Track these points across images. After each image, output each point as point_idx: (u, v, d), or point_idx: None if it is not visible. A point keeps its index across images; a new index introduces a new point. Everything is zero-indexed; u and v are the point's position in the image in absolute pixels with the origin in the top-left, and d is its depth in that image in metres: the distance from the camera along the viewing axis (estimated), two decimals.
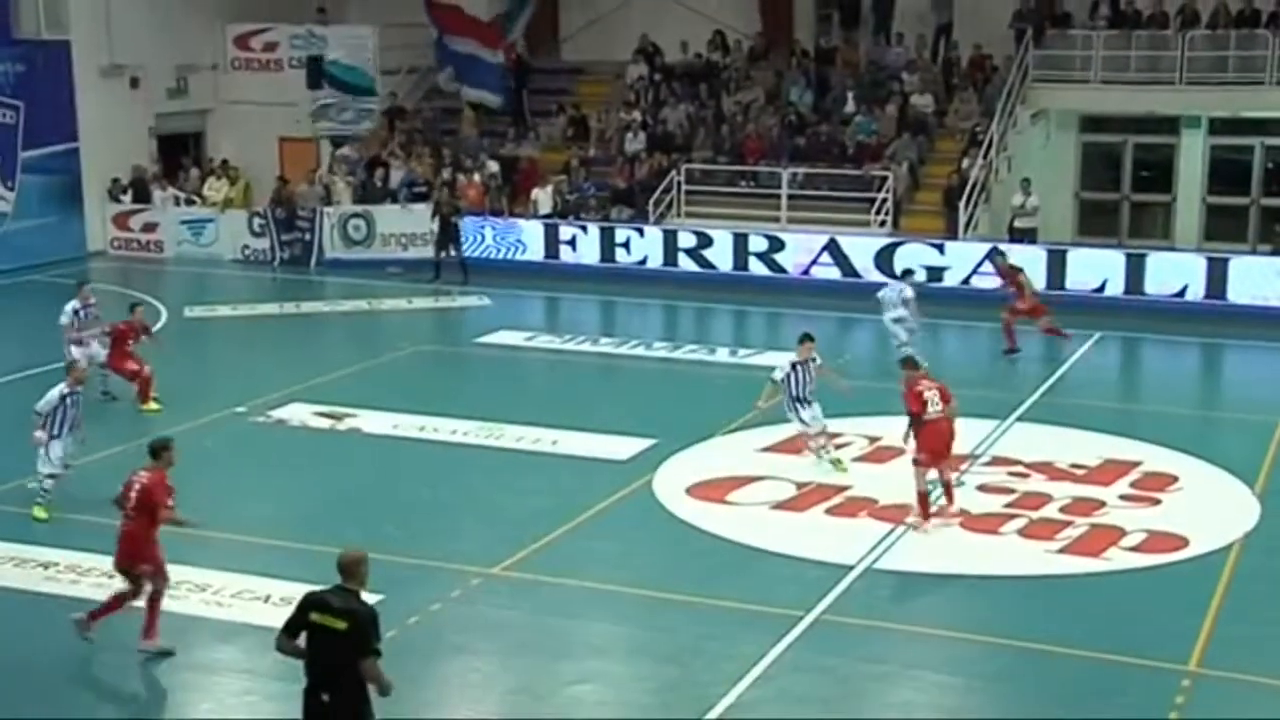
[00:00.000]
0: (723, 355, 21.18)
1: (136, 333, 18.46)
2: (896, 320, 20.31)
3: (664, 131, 29.45)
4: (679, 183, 27.88)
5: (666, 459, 16.06)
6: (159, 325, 22.98)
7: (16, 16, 27.34)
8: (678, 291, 24.72)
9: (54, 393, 14.42)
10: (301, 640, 8.45)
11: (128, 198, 29.85)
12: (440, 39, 30.97)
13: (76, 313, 18.43)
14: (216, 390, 18.93)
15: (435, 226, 26.92)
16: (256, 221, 28.98)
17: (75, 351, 17.78)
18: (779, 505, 14.72)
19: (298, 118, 30.62)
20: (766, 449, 16.39)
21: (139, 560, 11.25)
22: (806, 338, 16.00)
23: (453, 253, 26.66)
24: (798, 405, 15.76)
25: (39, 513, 14.28)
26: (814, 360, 15.82)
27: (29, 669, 11.08)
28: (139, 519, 11.19)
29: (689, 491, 15.11)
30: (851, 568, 13.01)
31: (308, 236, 28.45)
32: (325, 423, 17.63)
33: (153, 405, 18.04)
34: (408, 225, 28.11)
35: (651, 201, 27.79)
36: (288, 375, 19.65)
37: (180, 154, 31.31)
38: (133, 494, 11.25)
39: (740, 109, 29.48)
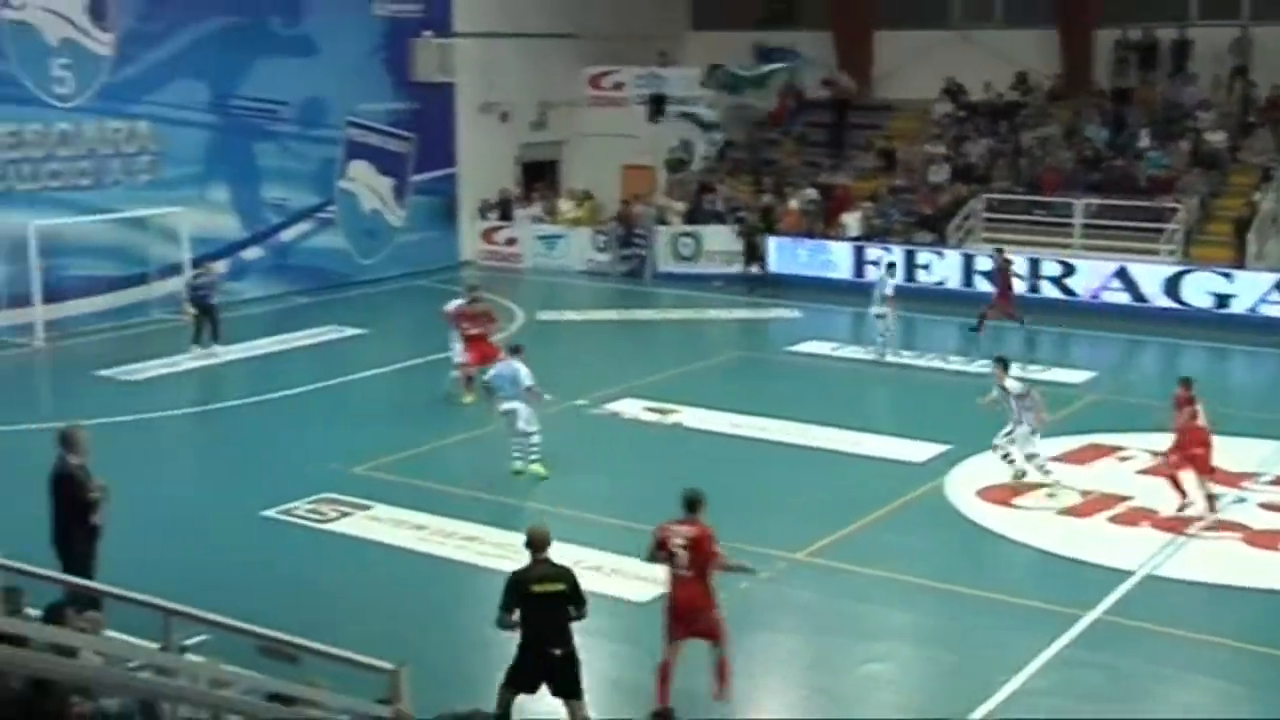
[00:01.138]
0: (1013, 370, 20.40)
1: (477, 318, 18.57)
2: (878, 316, 20.29)
3: (966, 163, 28.71)
4: (979, 211, 27.13)
5: (958, 463, 15.64)
6: (517, 325, 23.91)
7: (414, 64, 28.88)
8: (973, 311, 24.05)
9: (504, 368, 15.34)
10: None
11: (494, 215, 31.08)
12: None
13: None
14: (562, 385, 19.45)
15: (741, 245, 27.17)
16: (600, 238, 29.75)
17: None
18: (1064, 511, 14.14)
19: (639, 148, 31.24)
20: (1054, 458, 15.76)
21: (706, 624, 9.59)
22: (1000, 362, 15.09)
23: (754, 269, 26.82)
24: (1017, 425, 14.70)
25: (539, 469, 15.12)
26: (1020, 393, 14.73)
27: (381, 609, 11.65)
28: (695, 577, 9.52)
29: (979, 494, 14.68)
30: (1132, 574, 12.37)
31: (643, 252, 29.02)
32: (653, 417, 17.93)
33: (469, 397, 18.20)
34: (730, 244, 28.31)
35: (951, 227, 27.13)
36: (622, 374, 20.07)
37: (538, 178, 32.41)
38: (678, 549, 9.49)
39: (1038, 144, 28.47)
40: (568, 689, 8.87)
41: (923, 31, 31.21)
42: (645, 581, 11.96)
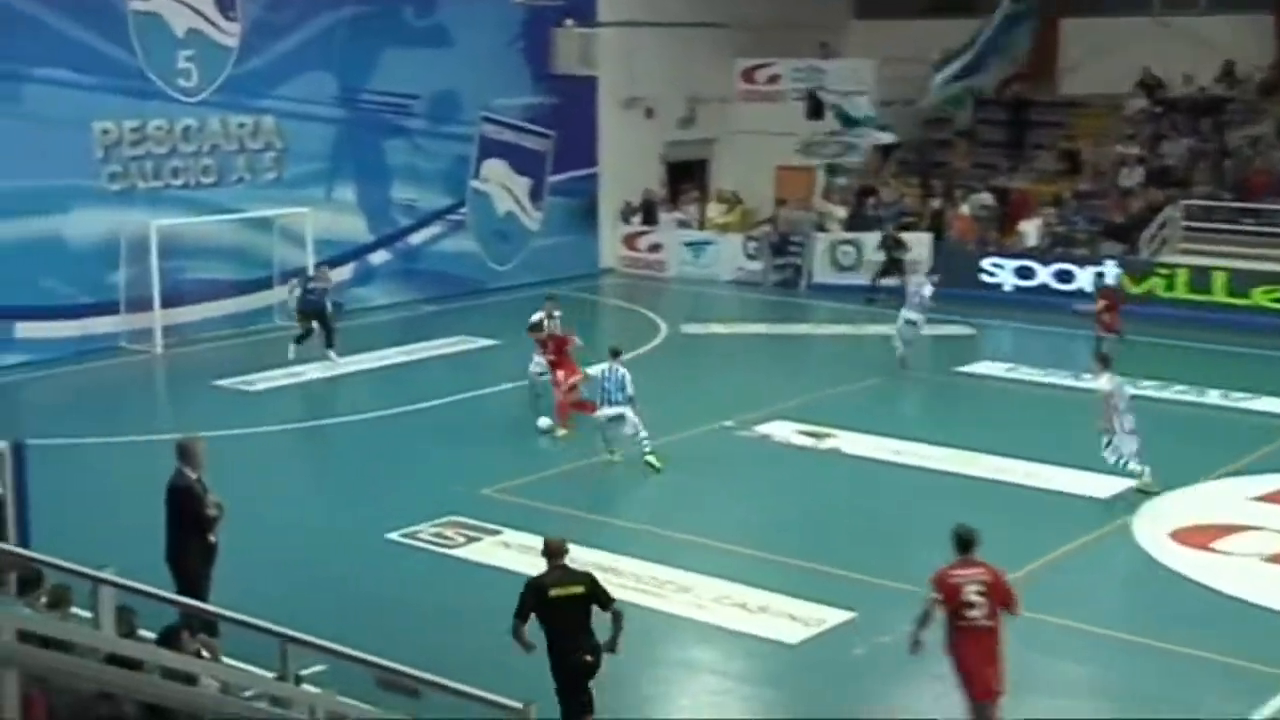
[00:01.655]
0: (1213, 397, 19.87)
1: (560, 342, 18.61)
2: (909, 322, 20.85)
3: (1162, 166, 27.97)
4: (1176, 219, 26.39)
5: (1148, 500, 15.22)
6: (657, 339, 24.01)
7: (555, 55, 29.25)
8: (1171, 331, 23.38)
9: (610, 373, 16.50)
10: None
11: (637, 219, 31.28)
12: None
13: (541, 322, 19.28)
14: (707, 403, 19.53)
15: (881, 256, 26.92)
16: (751, 245, 29.71)
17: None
18: (1271, 558, 13.64)
19: (795, 147, 31.15)
20: (1259, 498, 15.23)
21: (995, 680, 9.25)
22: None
23: (882, 281, 26.55)
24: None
25: (655, 461, 16.23)
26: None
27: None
28: (996, 625, 9.20)
29: (1172, 535, 14.24)
30: None
31: (798, 261, 28.90)
32: (807, 441, 17.81)
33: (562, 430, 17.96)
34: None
35: (1145, 237, 26.42)
36: (773, 393, 20.00)
37: (685, 180, 32.52)
38: (974, 597, 9.11)
39: (1247, 143, 27.58)
40: (586, 702, 9.26)
41: (1115, 18, 30.52)
42: (796, 622, 11.89)
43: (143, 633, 8.38)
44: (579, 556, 13.50)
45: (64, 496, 14.57)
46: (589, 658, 9.27)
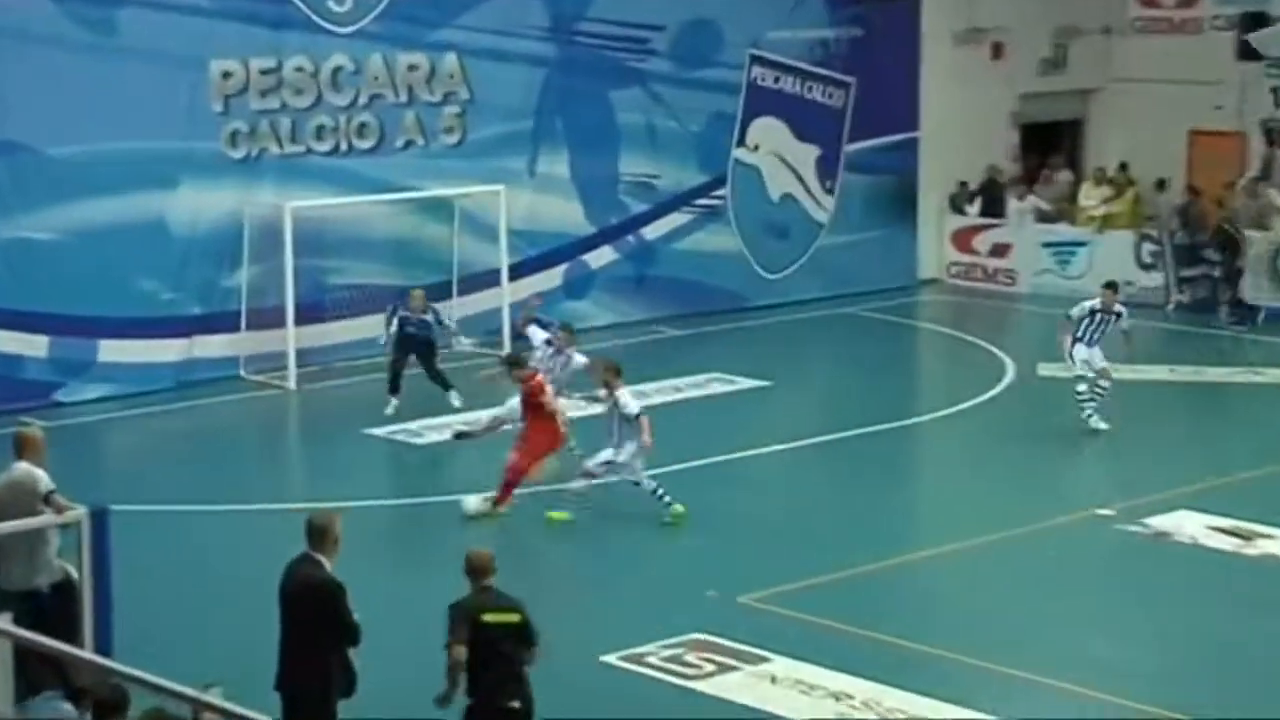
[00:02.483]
0: None
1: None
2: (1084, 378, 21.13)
3: None
4: None
5: None
6: (1001, 385, 23.73)
7: None
8: None
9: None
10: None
11: (974, 209, 31.04)
12: None
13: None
14: (1074, 481, 19.22)
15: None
16: (1147, 248, 29.16)
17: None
18: None
19: (1218, 102, 30.42)
20: None
21: None
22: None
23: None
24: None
25: (678, 512, 17.52)
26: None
27: None
28: None
29: None
30: None
31: (1218, 272, 28.21)
32: (1226, 542, 17.42)
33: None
34: None
35: None
36: (1175, 469, 19.65)
37: (1048, 151, 32.13)
38: None
39: None
40: None
41: None
42: None
43: None
44: (878, 698, 13.46)
45: (158, 581, 15.10)
46: (517, 704, 10.48)
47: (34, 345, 22.60)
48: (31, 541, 12.14)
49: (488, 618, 10.57)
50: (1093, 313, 21.37)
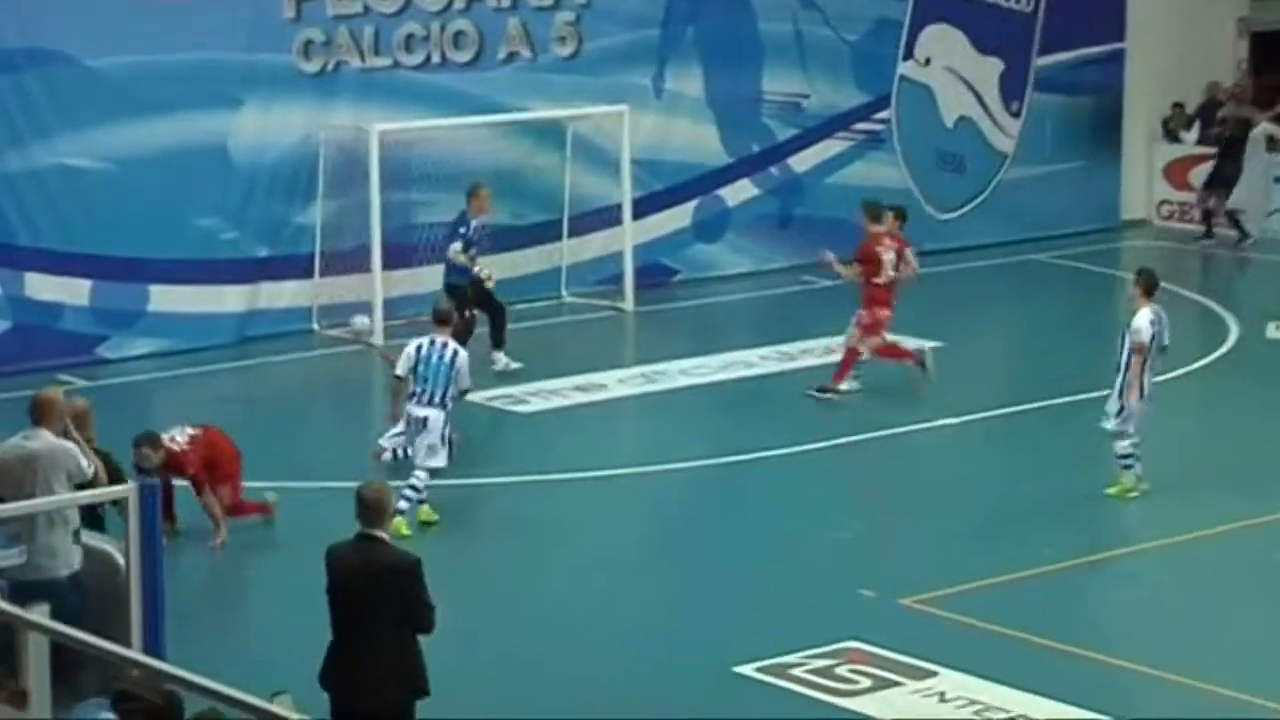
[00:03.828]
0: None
1: None
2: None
3: None
4: None
5: None
6: (1222, 348, 23.48)
7: None
8: None
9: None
10: None
11: (1191, 135, 30.75)
12: None
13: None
14: None
15: None
16: None
17: None
18: None
19: None
20: None
21: None
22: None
23: None
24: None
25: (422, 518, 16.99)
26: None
27: None
28: None
29: None
30: None
31: None
32: None
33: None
34: None
35: None
36: None
37: None
38: None
39: None
40: None
41: None
42: None
43: None
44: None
45: (215, 570, 15.29)
46: None
47: (74, 292, 22.89)
48: (52, 522, 12.40)
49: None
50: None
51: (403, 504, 16.46)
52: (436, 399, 17.30)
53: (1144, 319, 17.74)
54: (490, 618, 15.24)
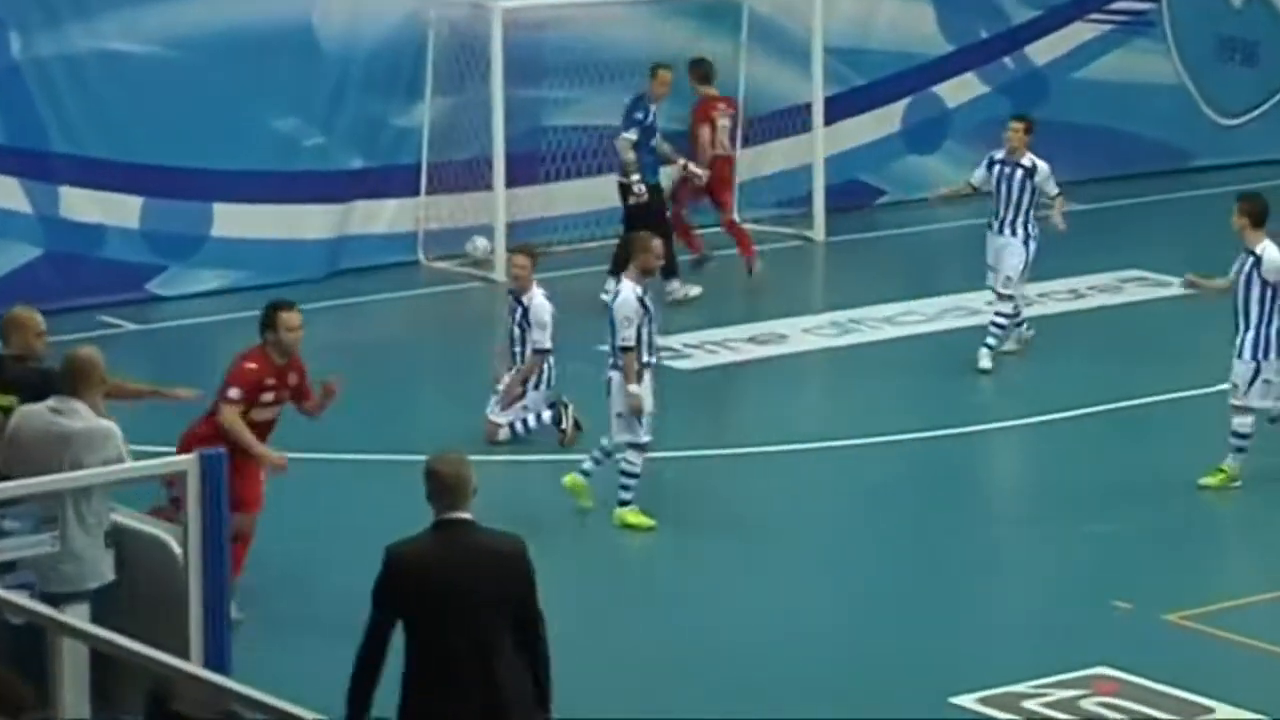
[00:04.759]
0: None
1: None
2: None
3: None
4: None
5: None
6: None
7: None
8: None
9: None
10: None
11: None
12: None
13: None
14: None
15: None
16: None
17: None
18: None
19: None
20: None
21: None
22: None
23: None
24: None
25: None
26: None
27: None
28: None
29: None
30: None
31: None
32: None
33: None
34: None
35: None
36: None
37: None
38: None
39: None
40: None
41: None
42: None
43: None
44: None
45: (287, 550, 15.55)
46: None
47: (121, 211, 23.24)
48: (81, 518, 12.49)
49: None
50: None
51: (625, 495, 17.07)
52: (610, 357, 17.63)
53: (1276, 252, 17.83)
54: (651, 625, 15.38)
